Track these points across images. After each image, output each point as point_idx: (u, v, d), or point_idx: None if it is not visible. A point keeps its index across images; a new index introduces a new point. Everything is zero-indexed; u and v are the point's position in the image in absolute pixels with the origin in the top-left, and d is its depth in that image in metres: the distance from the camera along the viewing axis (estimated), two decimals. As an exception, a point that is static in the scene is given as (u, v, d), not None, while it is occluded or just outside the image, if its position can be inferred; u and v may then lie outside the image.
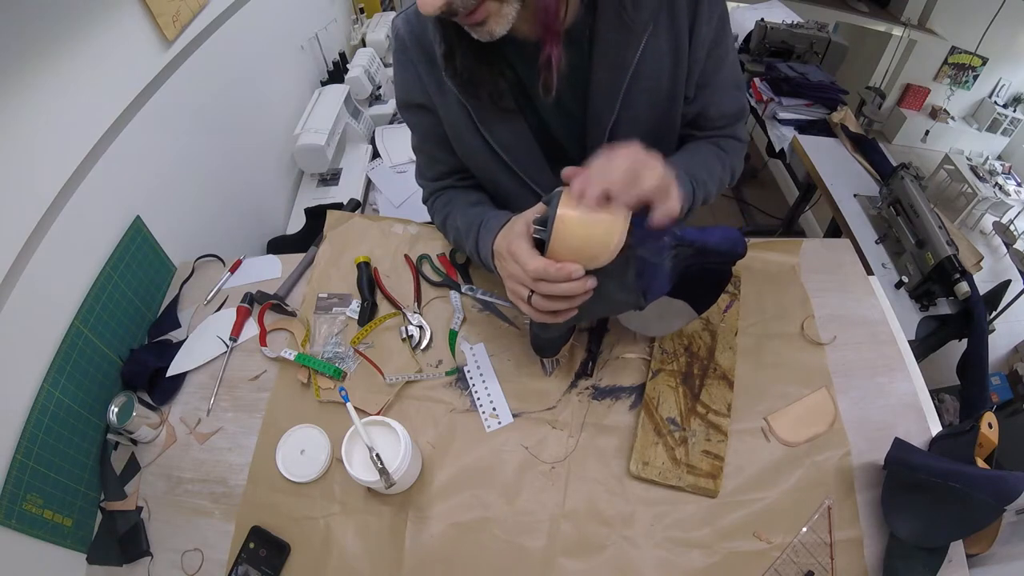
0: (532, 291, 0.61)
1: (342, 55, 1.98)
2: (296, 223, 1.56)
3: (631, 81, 0.71)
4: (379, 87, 1.94)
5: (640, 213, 0.56)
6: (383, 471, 0.68)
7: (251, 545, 0.73)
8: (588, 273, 0.58)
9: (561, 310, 0.61)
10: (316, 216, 1.42)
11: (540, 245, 0.59)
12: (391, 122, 1.89)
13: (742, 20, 2.45)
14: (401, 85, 0.81)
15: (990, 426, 0.73)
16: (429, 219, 1.06)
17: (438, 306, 0.94)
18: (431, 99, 0.78)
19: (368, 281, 0.95)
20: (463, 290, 0.94)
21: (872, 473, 0.76)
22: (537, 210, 0.62)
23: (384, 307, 0.95)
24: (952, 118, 3.80)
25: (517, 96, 0.75)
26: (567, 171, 0.60)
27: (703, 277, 0.72)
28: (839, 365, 0.87)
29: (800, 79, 2.11)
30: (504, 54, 0.72)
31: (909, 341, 0.93)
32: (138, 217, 0.97)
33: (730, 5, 0.78)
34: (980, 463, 0.72)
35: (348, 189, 1.62)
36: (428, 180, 0.91)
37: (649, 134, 0.72)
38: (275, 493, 0.78)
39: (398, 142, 1.76)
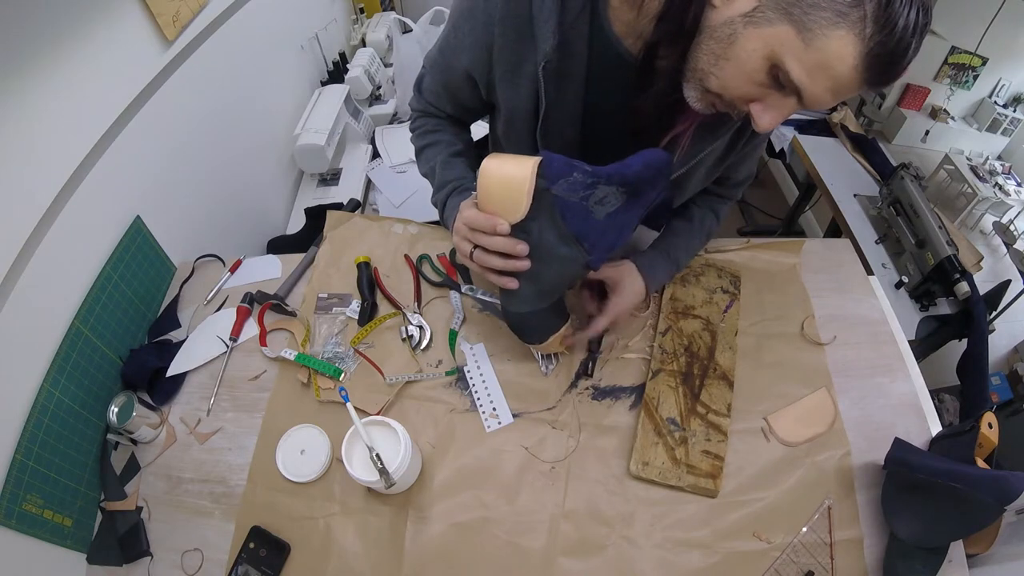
0: (474, 246, 0.65)
1: (342, 55, 1.98)
2: (296, 223, 1.56)
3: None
4: (379, 87, 1.94)
5: (549, 157, 0.61)
6: (383, 471, 0.68)
7: (251, 545, 0.73)
8: (520, 232, 0.63)
9: (505, 271, 0.66)
10: (316, 216, 1.42)
11: None
12: (391, 122, 1.89)
13: (742, 20, 2.45)
14: (454, 46, 0.71)
15: (990, 426, 0.73)
16: (429, 219, 1.07)
17: (438, 306, 0.94)
18: (490, 75, 0.69)
19: (368, 281, 0.95)
20: (463, 290, 0.94)
21: (872, 473, 0.76)
22: None
23: (384, 307, 0.95)
24: (952, 118, 3.79)
25: (604, 120, 0.71)
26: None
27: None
28: (839, 365, 0.87)
29: (800, 79, 2.10)
30: (627, 83, 0.65)
31: (909, 341, 0.93)
32: (138, 217, 0.96)
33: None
34: (980, 463, 0.72)
35: (348, 189, 1.62)
36: (426, 102, 0.86)
37: (691, 188, 0.80)
38: (275, 493, 0.78)
39: (398, 142, 1.76)
